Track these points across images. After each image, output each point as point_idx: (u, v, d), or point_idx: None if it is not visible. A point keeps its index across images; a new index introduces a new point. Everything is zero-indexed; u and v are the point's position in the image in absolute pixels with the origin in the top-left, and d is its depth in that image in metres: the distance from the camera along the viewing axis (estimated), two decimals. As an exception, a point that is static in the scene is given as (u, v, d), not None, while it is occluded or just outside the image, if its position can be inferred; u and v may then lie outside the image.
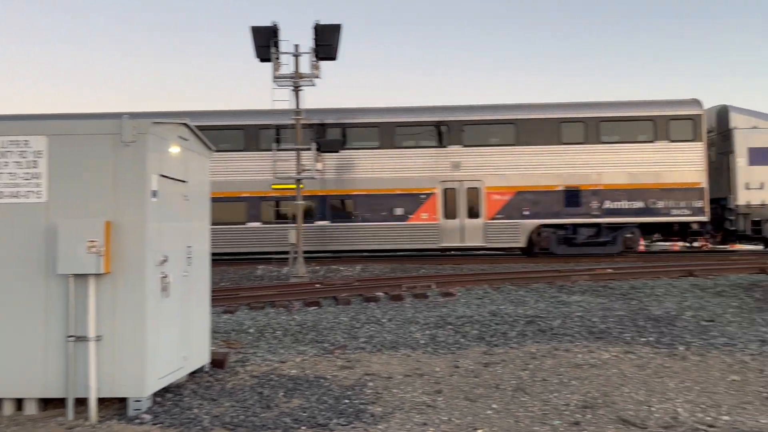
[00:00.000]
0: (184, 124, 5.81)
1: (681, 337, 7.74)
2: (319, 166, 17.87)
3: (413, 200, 19.86)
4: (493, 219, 19.71)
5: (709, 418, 4.73)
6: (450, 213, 19.86)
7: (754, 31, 72.63)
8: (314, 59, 15.98)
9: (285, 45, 15.94)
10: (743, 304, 10.52)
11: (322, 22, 15.46)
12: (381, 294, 11.81)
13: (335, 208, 20.13)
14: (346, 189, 19.98)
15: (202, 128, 7.09)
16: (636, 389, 5.54)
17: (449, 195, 19.95)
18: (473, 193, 19.83)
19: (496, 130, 20.11)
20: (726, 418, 4.74)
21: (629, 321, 8.87)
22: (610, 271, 14.41)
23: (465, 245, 19.99)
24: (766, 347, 7.09)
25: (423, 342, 7.83)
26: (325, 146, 16.83)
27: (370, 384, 5.86)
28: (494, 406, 5.15)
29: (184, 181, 5.75)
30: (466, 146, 20.11)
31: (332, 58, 15.92)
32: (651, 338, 7.74)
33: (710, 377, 5.92)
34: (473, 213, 19.85)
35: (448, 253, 21.28)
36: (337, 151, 18.17)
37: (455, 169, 19.97)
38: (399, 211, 19.92)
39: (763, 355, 6.72)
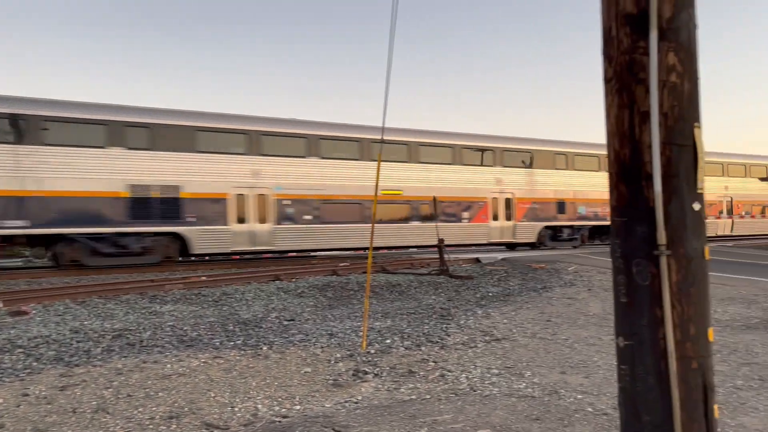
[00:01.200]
0: None
1: (265, 338, 8.34)
2: None
3: None
4: None
5: (284, 410, 5.18)
6: None
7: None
8: None
9: None
10: (318, 303, 11.96)
11: None
12: (-75, 318, 9.55)
13: None
14: None
15: None
16: (222, 392, 5.72)
17: None
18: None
19: None
20: (298, 407, 5.28)
21: (220, 327, 9.15)
22: (204, 278, 14.66)
23: None
24: (334, 339, 8.17)
25: (-18, 372, 6.60)
26: None
27: None
28: (69, 433, 4.65)
29: None
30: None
31: None
32: (239, 341, 8.13)
33: (288, 372, 6.51)
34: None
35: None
36: None
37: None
38: None
39: (331, 347, 7.72)
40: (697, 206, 2.20)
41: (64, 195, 17.11)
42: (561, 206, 26.62)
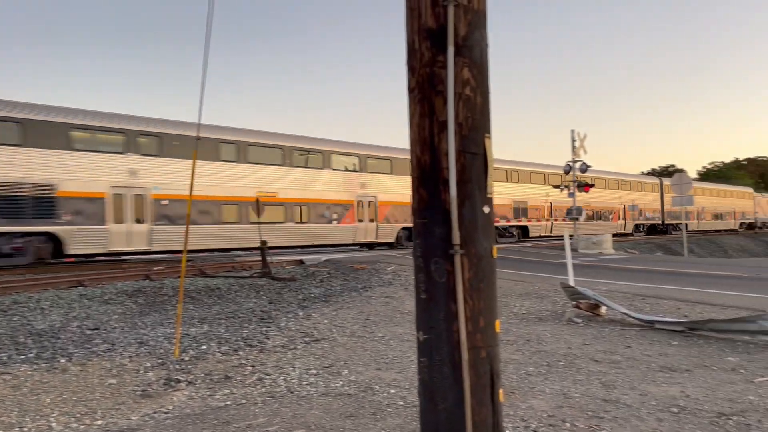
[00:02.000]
0: None
1: (64, 349, 7.60)
2: None
3: None
4: None
5: (83, 426, 4.76)
6: None
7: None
8: None
9: None
10: (127, 310, 11.17)
11: None
12: None
13: None
14: None
15: None
16: (8, 412, 5.11)
17: None
18: None
19: None
20: (100, 422, 4.88)
21: (8, 339, 8.17)
22: (-9, 286, 12.96)
23: None
24: (143, 348, 7.69)
25: None
26: None
27: None
28: None
29: None
30: None
31: None
32: (31, 355, 7.32)
33: (89, 385, 5.99)
34: None
35: None
36: None
37: None
38: None
39: (140, 356, 7.25)
40: (486, 209, 2.42)
41: None
42: None
